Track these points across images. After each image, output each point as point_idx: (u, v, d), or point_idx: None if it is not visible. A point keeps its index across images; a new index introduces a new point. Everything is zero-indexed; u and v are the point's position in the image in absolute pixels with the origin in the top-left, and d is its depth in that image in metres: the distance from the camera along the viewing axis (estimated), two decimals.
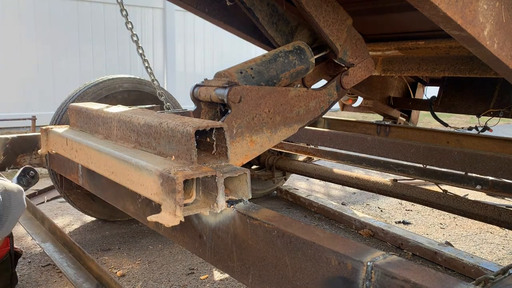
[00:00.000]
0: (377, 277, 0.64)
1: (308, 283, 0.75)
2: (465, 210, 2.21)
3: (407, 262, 0.66)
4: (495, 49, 1.21)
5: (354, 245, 0.72)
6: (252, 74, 1.53)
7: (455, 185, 2.40)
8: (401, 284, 0.61)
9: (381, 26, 2.04)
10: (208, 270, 2.27)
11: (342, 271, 0.69)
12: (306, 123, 1.72)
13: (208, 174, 0.90)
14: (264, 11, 1.68)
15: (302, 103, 1.67)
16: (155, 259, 2.40)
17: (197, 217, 1.04)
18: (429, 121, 7.45)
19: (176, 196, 0.85)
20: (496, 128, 2.79)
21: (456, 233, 2.99)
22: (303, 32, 1.78)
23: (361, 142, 2.54)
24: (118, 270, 2.24)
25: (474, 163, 2.05)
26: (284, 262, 0.80)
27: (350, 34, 1.74)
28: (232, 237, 0.93)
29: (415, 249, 2.53)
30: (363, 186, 2.73)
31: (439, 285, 0.59)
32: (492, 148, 2.35)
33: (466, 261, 2.26)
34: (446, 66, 2.23)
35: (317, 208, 3.26)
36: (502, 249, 2.73)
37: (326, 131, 2.88)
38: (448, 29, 1.11)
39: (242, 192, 0.97)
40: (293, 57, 1.61)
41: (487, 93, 2.63)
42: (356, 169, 3.93)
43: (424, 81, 3.09)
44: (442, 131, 2.67)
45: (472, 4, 1.07)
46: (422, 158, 2.26)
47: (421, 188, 2.45)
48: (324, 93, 1.75)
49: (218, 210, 0.90)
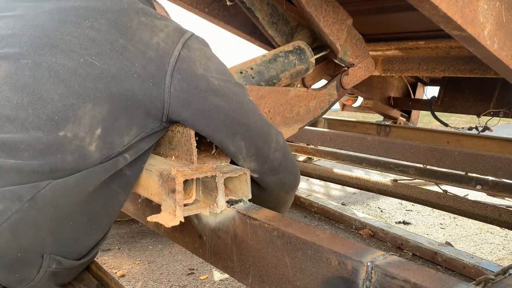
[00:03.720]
0: (377, 277, 0.64)
1: (308, 283, 0.75)
2: (465, 210, 2.21)
3: (407, 262, 0.66)
4: (495, 49, 1.21)
5: (354, 245, 0.72)
6: (252, 74, 1.53)
7: (455, 185, 2.40)
8: (401, 284, 0.61)
9: (381, 26, 2.04)
10: (208, 270, 2.27)
11: (342, 271, 0.69)
12: (306, 123, 1.72)
13: (208, 174, 0.90)
14: (264, 11, 1.67)
15: (302, 103, 1.67)
16: (155, 259, 2.40)
17: (197, 217, 1.04)
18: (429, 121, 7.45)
19: (176, 196, 0.84)
20: (496, 128, 2.79)
21: (456, 233, 2.99)
22: (303, 32, 1.78)
23: (361, 142, 2.54)
24: (118, 270, 2.24)
25: (474, 163, 2.05)
26: (284, 262, 0.80)
27: (350, 34, 1.74)
28: (232, 237, 0.93)
29: (415, 249, 2.52)
30: (363, 186, 2.73)
31: (439, 285, 0.59)
32: (492, 148, 2.35)
33: (466, 261, 2.26)
34: (446, 66, 2.23)
35: (317, 208, 3.25)
36: (502, 249, 2.73)
37: (326, 131, 2.88)
38: (448, 29, 1.11)
39: (242, 192, 0.97)
40: (293, 57, 1.61)
41: (487, 93, 2.63)
42: (356, 169, 3.93)
43: (424, 81, 3.09)
44: (442, 131, 2.67)
45: (472, 4, 1.07)
46: (422, 158, 2.25)
47: (421, 188, 2.46)
48: (324, 93, 1.75)
49: (218, 210, 0.90)
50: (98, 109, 0.80)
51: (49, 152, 0.76)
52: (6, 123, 0.75)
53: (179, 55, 0.88)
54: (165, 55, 0.87)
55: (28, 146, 0.75)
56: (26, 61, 0.78)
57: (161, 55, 0.86)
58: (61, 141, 0.77)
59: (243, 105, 0.95)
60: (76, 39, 0.81)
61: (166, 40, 0.89)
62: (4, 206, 0.74)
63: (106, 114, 0.81)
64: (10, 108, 0.76)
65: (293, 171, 1.11)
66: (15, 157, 0.74)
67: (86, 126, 0.79)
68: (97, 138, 0.81)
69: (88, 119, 0.79)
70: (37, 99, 0.77)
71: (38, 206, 0.76)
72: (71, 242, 0.86)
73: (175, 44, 0.89)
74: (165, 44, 0.88)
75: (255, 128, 0.97)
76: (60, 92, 0.78)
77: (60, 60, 0.79)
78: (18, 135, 0.75)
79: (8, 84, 0.77)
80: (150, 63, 0.85)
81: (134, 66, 0.83)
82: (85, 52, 0.80)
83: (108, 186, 0.86)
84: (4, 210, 0.74)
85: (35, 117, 0.76)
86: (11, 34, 0.81)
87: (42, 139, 0.76)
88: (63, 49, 0.80)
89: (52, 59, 0.79)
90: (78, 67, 0.79)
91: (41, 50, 0.79)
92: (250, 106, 0.98)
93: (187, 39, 0.92)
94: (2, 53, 0.79)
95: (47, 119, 0.76)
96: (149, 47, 0.86)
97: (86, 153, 0.80)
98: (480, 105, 2.66)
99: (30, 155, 0.75)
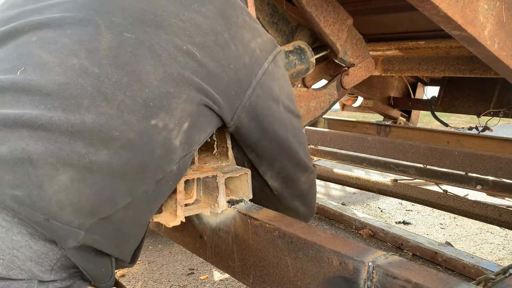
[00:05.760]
0: (379, 277, 0.64)
1: (309, 283, 0.75)
2: (465, 210, 2.21)
3: (408, 262, 0.66)
4: (496, 49, 1.22)
5: (355, 245, 0.72)
6: None
7: (456, 185, 2.40)
8: (403, 284, 0.61)
9: (382, 26, 2.04)
10: (208, 270, 2.27)
11: (344, 271, 0.69)
12: (307, 123, 1.72)
13: (209, 174, 0.90)
14: (264, 11, 1.68)
15: (303, 103, 1.67)
16: (155, 259, 2.40)
17: (198, 217, 1.04)
18: (429, 121, 7.45)
19: (177, 196, 0.84)
20: (496, 128, 2.79)
21: (456, 233, 2.99)
22: (303, 32, 1.78)
23: (361, 142, 2.54)
24: (118, 270, 2.24)
25: (475, 163, 2.05)
26: (285, 262, 0.80)
27: (350, 34, 1.74)
28: (233, 237, 0.93)
29: (415, 249, 2.53)
30: (363, 186, 2.73)
31: (440, 285, 0.59)
32: (492, 148, 2.35)
33: (466, 261, 2.26)
34: (447, 66, 2.23)
35: (317, 208, 3.26)
36: (502, 249, 2.73)
37: (326, 131, 2.87)
38: (448, 29, 1.11)
39: (243, 192, 0.97)
40: (293, 57, 1.61)
41: (487, 93, 2.63)
42: (356, 169, 3.93)
43: (424, 81, 3.09)
44: (442, 131, 2.67)
45: (472, 4, 1.07)
46: (422, 158, 2.25)
47: (422, 188, 2.46)
48: (324, 93, 1.75)
49: (219, 210, 0.90)
50: (190, 101, 0.75)
51: (140, 143, 0.69)
52: (103, 102, 0.66)
53: (268, 68, 0.85)
54: (256, 65, 0.84)
55: (121, 134, 0.67)
56: (130, 35, 0.71)
57: (253, 62, 0.83)
58: (151, 131, 0.70)
59: (294, 138, 0.96)
60: (182, 22, 0.76)
61: (262, 47, 0.86)
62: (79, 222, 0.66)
63: (196, 108, 0.76)
64: (109, 85, 0.68)
65: (310, 205, 1.13)
66: (108, 147, 0.66)
67: (177, 118, 0.73)
68: (183, 132, 0.75)
69: (180, 111, 0.74)
70: (136, 81, 0.70)
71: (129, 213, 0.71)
72: (129, 245, 0.80)
73: (268, 55, 0.86)
74: (260, 52, 0.85)
75: (297, 161, 0.99)
76: (159, 77, 0.71)
77: (164, 43, 0.73)
78: (114, 120, 0.67)
79: (109, 58, 0.69)
80: (243, 68, 0.81)
81: (229, 67, 0.79)
82: (188, 39, 0.75)
83: (162, 182, 0.77)
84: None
85: (131, 100, 0.68)
86: (117, 1, 0.75)
87: (135, 126, 0.68)
88: (167, 31, 0.74)
89: (156, 40, 0.72)
90: (179, 55, 0.74)
91: (146, 28, 0.73)
92: (301, 140, 0.98)
93: (277, 53, 0.89)
94: (106, 19, 0.72)
95: (143, 104, 0.69)
96: (246, 50, 0.82)
97: (172, 148, 0.74)
98: (480, 105, 2.66)
99: (122, 145, 0.67)
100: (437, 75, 2.76)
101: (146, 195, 0.73)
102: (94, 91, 0.66)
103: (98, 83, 0.67)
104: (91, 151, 0.65)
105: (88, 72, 0.67)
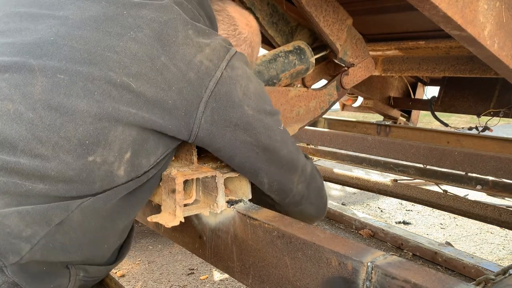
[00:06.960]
0: (378, 277, 0.64)
1: (308, 284, 0.75)
2: (465, 210, 2.21)
3: (407, 263, 0.66)
4: (496, 49, 1.21)
5: (354, 246, 0.72)
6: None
7: (455, 185, 2.40)
8: (402, 285, 0.61)
9: (381, 26, 2.04)
10: (208, 270, 2.27)
11: (343, 271, 0.69)
12: (306, 123, 1.72)
13: (208, 174, 0.90)
14: (264, 11, 1.67)
15: (302, 103, 1.67)
16: (155, 259, 2.40)
17: (197, 217, 1.04)
18: (429, 121, 7.45)
19: (176, 197, 0.84)
20: (496, 128, 2.79)
21: (456, 233, 2.99)
22: (303, 32, 1.78)
23: (361, 142, 2.54)
24: (118, 270, 2.24)
25: (474, 163, 2.05)
26: (284, 263, 0.80)
27: (350, 34, 1.74)
28: (232, 237, 0.93)
29: (415, 249, 2.53)
30: (363, 186, 2.73)
31: (439, 285, 0.59)
32: (492, 148, 2.35)
33: (466, 261, 2.26)
34: (446, 66, 2.23)
35: None
36: (502, 249, 2.73)
37: (326, 131, 2.87)
38: (448, 29, 1.11)
39: (242, 192, 0.97)
40: (293, 57, 1.61)
41: (487, 93, 2.63)
42: (356, 169, 3.93)
43: (424, 81, 3.09)
44: (442, 131, 2.67)
45: (472, 4, 1.07)
46: (422, 158, 2.25)
47: (421, 188, 2.45)
48: (324, 93, 1.75)
49: (218, 210, 0.90)
50: (128, 132, 0.76)
51: (78, 179, 0.74)
52: (38, 145, 0.71)
53: (221, 76, 0.83)
54: (206, 77, 0.81)
55: (58, 173, 0.72)
56: (63, 77, 0.73)
57: (201, 77, 0.81)
58: (90, 167, 0.74)
59: (271, 140, 0.90)
60: (116, 55, 0.76)
61: (211, 57, 0.83)
62: (32, 231, 0.71)
63: (136, 137, 0.78)
64: (43, 128, 0.71)
65: (316, 202, 1.08)
66: (44, 182, 0.72)
67: (116, 151, 0.76)
68: (126, 162, 0.78)
69: (118, 143, 0.76)
70: (69, 121, 0.73)
71: (65, 229, 0.74)
72: (96, 252, 0.84)
73: (220, 62, 0.84)
74: (209, 62, 0.82)
75: (280, 164, 0.94)
76: (93, 114, 0.73)
77: (97, 80, 0.74)
78: (49, 162, 0.71)
79: (42, 101, 0.72)
80: (188, 86, 0.80)
81: (170, 90, 0.78)
82: (123, 71, 0.75)
83: (131, 195, 0.83)
84: (33, 235, 0.71)
85: (65, 141, 0.72)
86: (52, 42, 0.76)
87: (72, 165, 0.73)
88: (101, 68, 0.75)
89: (89, 78, 0.74)
90: (113, 89, 0.75)
91: (79, 67, 0.74)
92: (279, 139, 0.92)
93: (232, 56, 0.86)
94: (40, 63, 0.74)
95: (78, 144, 0.73)
96: (190, 66, 0.80)
97: (114, 179, 0.77)
98: (480, 105, 2.66)
99: (59, 180, 0.72)
100: (437, 75, 2.76)
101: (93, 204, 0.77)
102: (28, 134, 0.71)
103: (32, 127, 0.71)
104: (28, 184, 0.71)
105: (22, 117, 0.71)
